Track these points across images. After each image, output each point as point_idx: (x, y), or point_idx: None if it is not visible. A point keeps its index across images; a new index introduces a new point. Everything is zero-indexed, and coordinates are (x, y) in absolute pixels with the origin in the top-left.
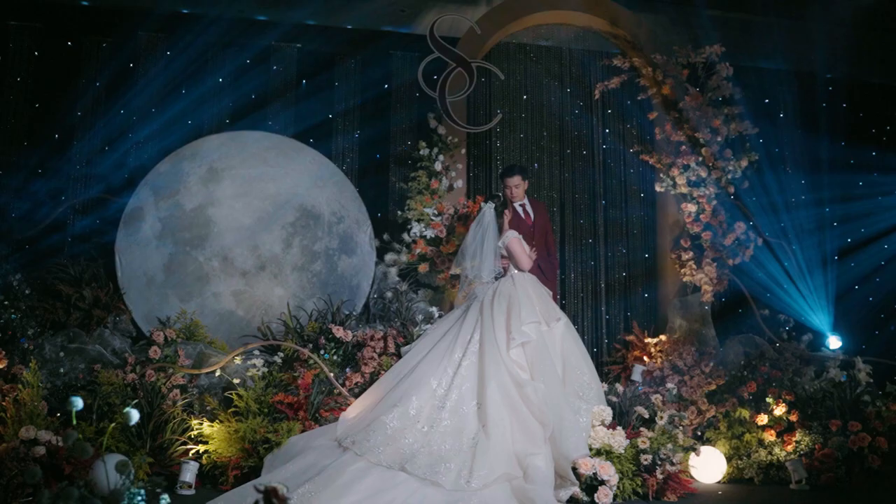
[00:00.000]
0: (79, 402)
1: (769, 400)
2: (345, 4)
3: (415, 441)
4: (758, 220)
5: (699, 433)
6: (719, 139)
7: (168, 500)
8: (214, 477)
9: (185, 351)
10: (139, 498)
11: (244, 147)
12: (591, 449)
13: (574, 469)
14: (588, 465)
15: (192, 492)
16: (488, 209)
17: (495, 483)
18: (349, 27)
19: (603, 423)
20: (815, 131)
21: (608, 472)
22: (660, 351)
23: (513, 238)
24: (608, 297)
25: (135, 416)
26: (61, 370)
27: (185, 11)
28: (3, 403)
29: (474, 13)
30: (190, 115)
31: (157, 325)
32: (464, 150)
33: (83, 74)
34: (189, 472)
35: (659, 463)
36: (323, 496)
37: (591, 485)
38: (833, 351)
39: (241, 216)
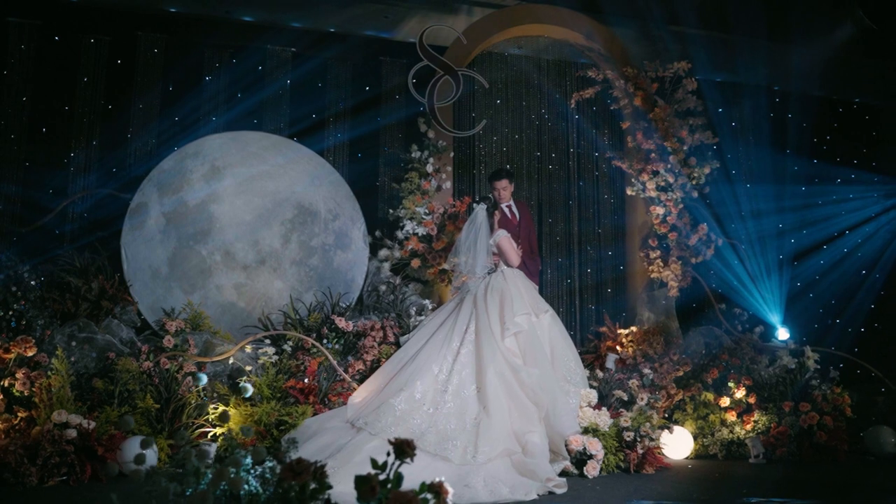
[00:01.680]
0: (203, 378)
1: (730, 384)
2: (330, 8)
3: (422, 422)
4: (720, 225)
5: (666, 415)
6: (685, 148)
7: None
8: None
9: (193, 340)
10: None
11: (245, 146)
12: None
13: (566, 445)
14: (578, 442)
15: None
16: (480, 210)
17: (498, 458)
18: (332, 30)
19: (590, 405)
20: (764, 142)
21: (596, 447)
22: (631, 341)
23: (503, 237)
24: (581, 291)
25: (249, 389)
26: (72, 359)
27: (172, 10)
28: (34, 389)
29: (455, 21)
30: (186, 114)
31: (163, 315)
32: (452, 154)
33: (81, 71)
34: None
35: (639, 439)
36: (344, 471)
37: (581, 459)
38: (782, 342)
39: (242, 212)
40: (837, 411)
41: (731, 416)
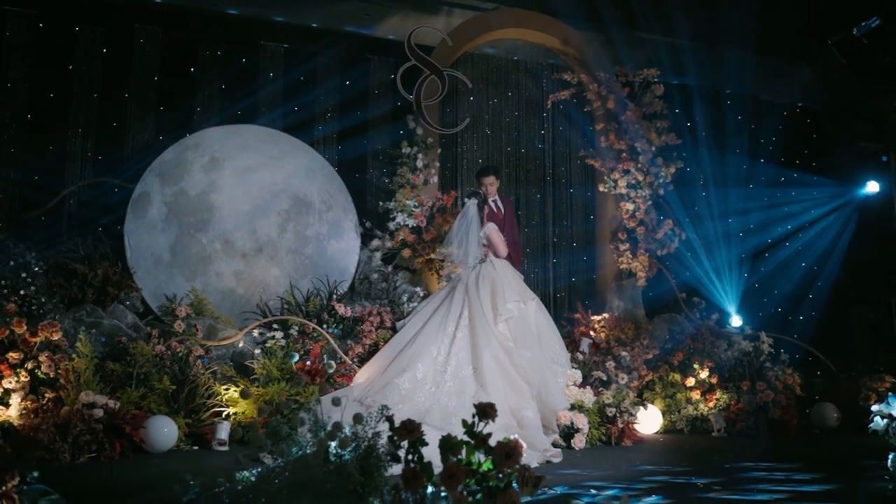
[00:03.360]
0: (295, 356)
1: (695, 366)
2: (314, 4)
3: (426, 400)
4: (689, 224)
5: (636, 394)
6: (653, 149)
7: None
8: (242, 435)
9: (200, 325)
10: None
11: (243, 139)
12: None
13: (556, 420)
14: (567, 417)
15: (226, 448)
16: (472, 204)
17: (497, 431)
18: (315, 25)
19: (575, 384)
20: (725, 148)
21: (582, 422)
22: (603, 327)
23: (493, 229)
24: (555, 281)
25: (333, 366)
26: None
27: (157, 1)
28: (60, 371)
29: (434, 21)
30: (182, 107)
31: (165, 301)
32: (440, 150)
33: (78, 61)
34: (223, 431)
35: (620, 415)
36: None
37: (569, 433)
38: (736, 328)
39: (241, 203)
40: (788, 390)
41: (696, 395)
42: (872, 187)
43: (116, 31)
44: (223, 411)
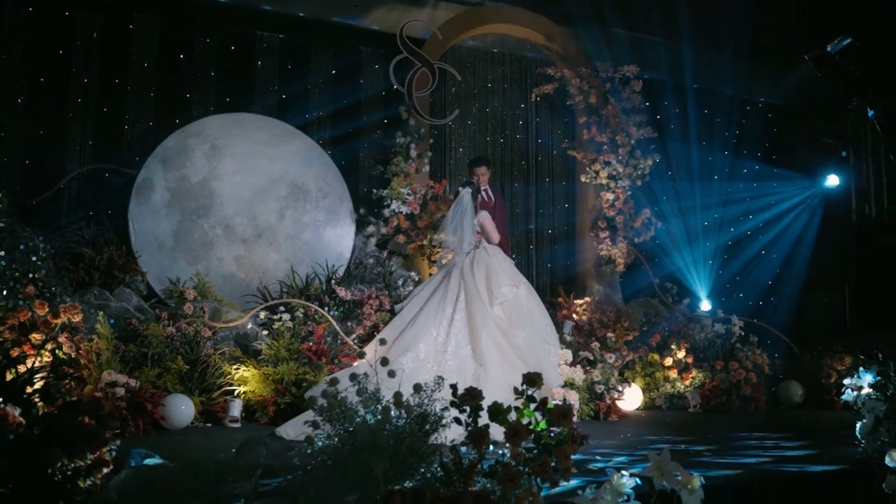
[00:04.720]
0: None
1: (673, 347)
2: None
3: (428, 378)
4: (664, 214)
5: (618, 373)
6: (632, 142)
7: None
8: (252, 412)
9: (206, 307)
10: None
11: (243, 128)
12: None
13: (551, 397)
14: (560, 394)
15: (238, 425)
16: (466, 193)
17: None
18: (301, 14)
19: (566, 363)
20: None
21: (574, 398)
22: (585, 310)
23: (486, 217)
24: (537, 269)
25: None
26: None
27: None
28: (81, 352)
29: (420, 13)
30: (180, 96)
31: (169, 284)
32: (431, 140)
33: (78, 51)
34: (236, 409)
35: (608, 392)
36: None
37: None
38: (706, 312)
39: (241, 189)
40: (758, 369)
41: (673, 374)
42: (833, 181)
43: (115, 20)
44: (234, 390)
